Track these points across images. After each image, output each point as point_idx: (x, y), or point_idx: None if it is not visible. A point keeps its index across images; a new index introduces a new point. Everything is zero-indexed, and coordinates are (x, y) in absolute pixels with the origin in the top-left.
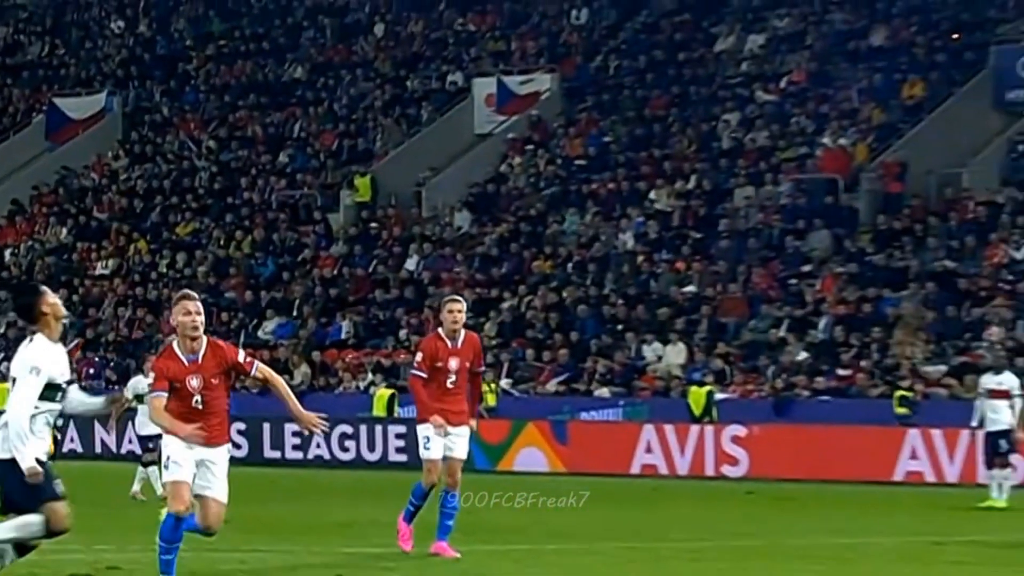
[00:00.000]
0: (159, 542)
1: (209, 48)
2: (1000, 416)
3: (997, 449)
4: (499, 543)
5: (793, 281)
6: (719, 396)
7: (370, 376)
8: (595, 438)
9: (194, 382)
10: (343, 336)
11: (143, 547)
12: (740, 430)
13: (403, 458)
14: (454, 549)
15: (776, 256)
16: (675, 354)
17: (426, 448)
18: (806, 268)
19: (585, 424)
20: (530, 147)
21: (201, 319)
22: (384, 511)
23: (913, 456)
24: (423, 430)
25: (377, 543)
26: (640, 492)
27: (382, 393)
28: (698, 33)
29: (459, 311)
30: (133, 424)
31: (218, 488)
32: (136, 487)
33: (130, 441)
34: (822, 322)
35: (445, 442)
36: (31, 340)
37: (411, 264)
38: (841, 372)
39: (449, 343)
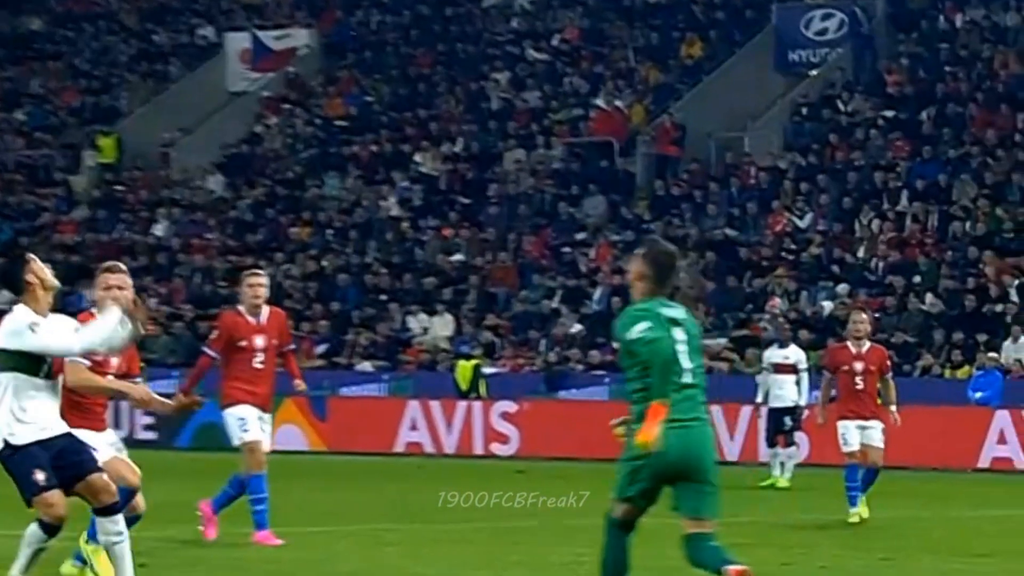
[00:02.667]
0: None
1: None
2: (785, 392)
3: (780, 426)
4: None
5: (566, 250)
6: (488, 370)
7: None
8: (357, 415)
9: None
10: (85, 306)
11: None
12: (510, 406)
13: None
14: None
15: (548, 223)
16: (442, 326)
17: (244, 430)
18: (580, 236)
19: (346, 400)
20: (287, 106)
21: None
22: None
23: None
24: (235, 412)
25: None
26: (405, 471)
27: None
28: None
29: (261, 284)
30: None
31: None
32: None
33: None
34: (597, 293)
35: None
36: (11, 310)
37: (160, 230)
38: (616, 345)
39: (251, 319)
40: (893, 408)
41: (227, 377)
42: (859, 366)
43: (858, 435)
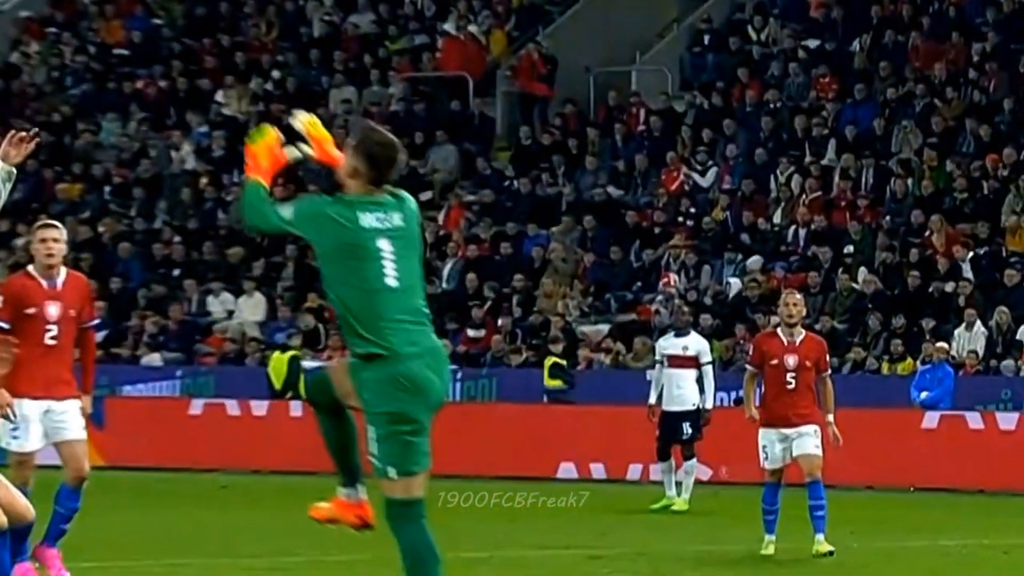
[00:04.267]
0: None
1: None
2: (684, 392)
3: (677, 435)
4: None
5: None
6: (308, 364)
7: None
8: (141, 419)
9: None
10: None
11: None
12: None
13: None
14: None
15: None
16: (251, 308)
17: (14, 436)
18: (425, 196)
19: (129, 401)
20: (52, 30)
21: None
22: None
23: (571, 443)
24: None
25: None
26: (206, 490)
27: None
28: None
29: (55, 240)
30: None
31: None
32: None
33: None
34: (447, 267)
35: (47, 425)
36: None
37: None
38: (472, 333)
39: (44, 283)
40: (831, 418)
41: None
42: (791, 360)
43: (781, 448)
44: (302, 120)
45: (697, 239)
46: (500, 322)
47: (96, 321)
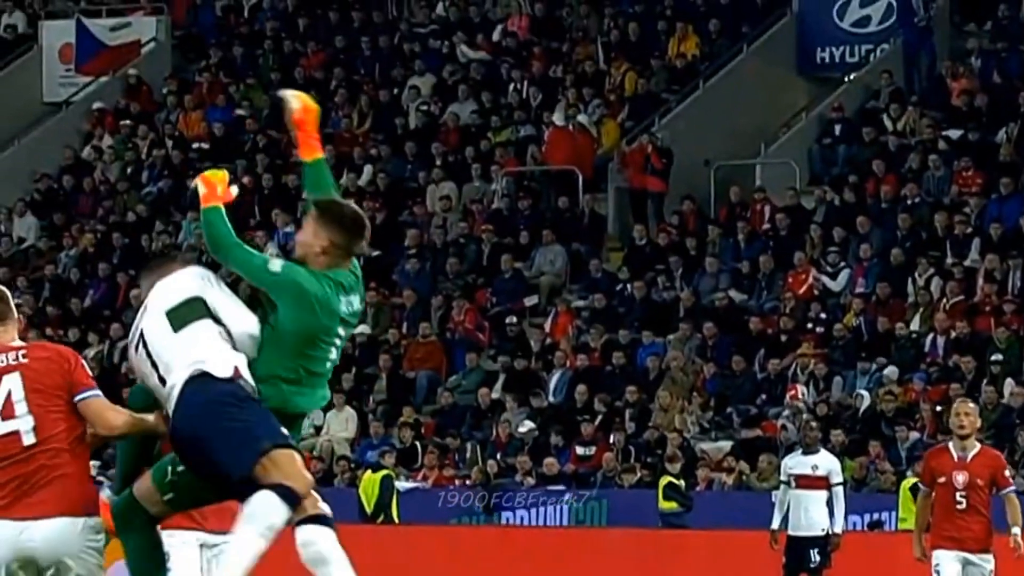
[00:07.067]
0: None
1: None
2: (813, 515)
3: (804, 563)
4: None
5: (511, 319)
6: (403, 485)
7: None
8: None
9: None
10: None
11: None
12: (433, 534)
13: None
14: None
15: (487, 283)
16: (340, 424)
17: None
18: (531, 301)
19: None
20: (127, 123)
21: None
22: None
23: (686, 570)
24: None
25: None
26: None
27: None
28: None
29: None
30: None
31: None
32: None
33: None
34: (554, 379)
35: None
36: None
37: None
38: (581, 450)
39: None
40: (1016, 531)
41: None
42: (960, 478)
43: (959, 571)
44: (298, 101)
45: (827, 348)
46: (612, 438)
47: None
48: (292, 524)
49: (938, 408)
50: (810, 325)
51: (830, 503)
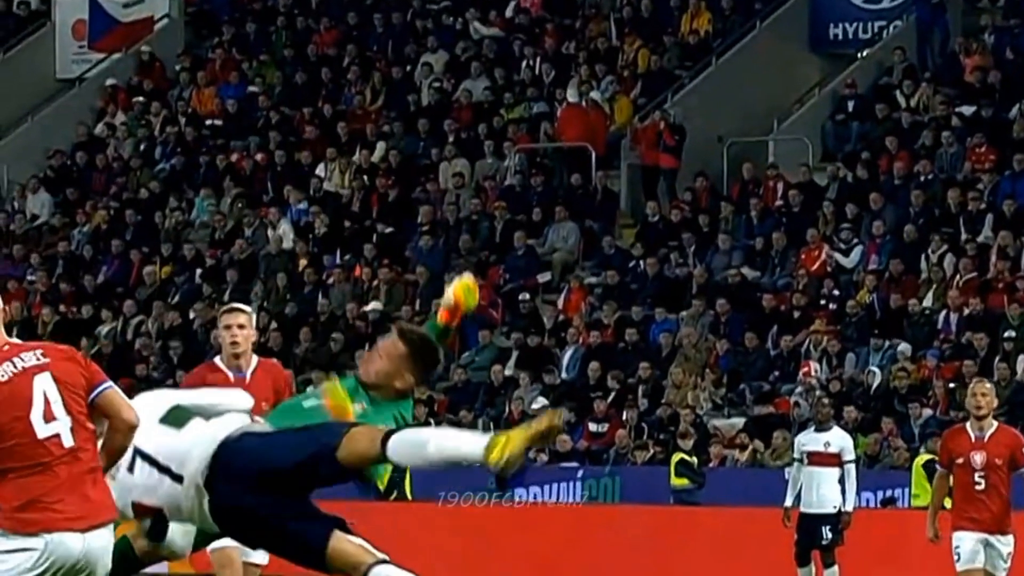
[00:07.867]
0: None
1: None
2: (825, 492)
3: (816, 540)
4: None
5: (524, 296)
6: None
7: None
8: None
9: None
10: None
11: None
12: (446, 511)
13: None
14: None
15: (499, 260)
16: None
17: None
18: (544, 277)
19: None
20: (139, 99)
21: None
22: None
23: (697, 547)
24: None
25: None
26: None
27: None
28: None
29: (241, 326)
30: None
31: None
32: None
33: None
34: (567, 355)
35: None
36: None
37: None
38: (594, 427)
39: (231, 374)
40: None
41: None
42: (978, 458)
43: (978, 551)
44: (461, 283)
45: (840, 324)
46: (625, 415)
47: None
48: (364, 571)
49: (951, 385)
50: (823, 302)
51: (842, 480)
